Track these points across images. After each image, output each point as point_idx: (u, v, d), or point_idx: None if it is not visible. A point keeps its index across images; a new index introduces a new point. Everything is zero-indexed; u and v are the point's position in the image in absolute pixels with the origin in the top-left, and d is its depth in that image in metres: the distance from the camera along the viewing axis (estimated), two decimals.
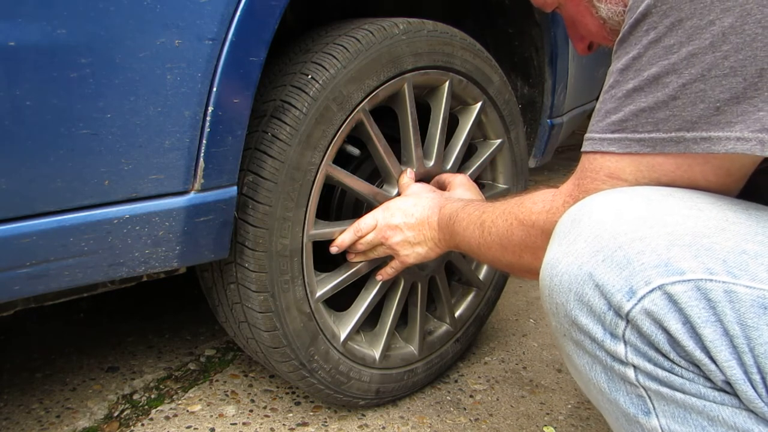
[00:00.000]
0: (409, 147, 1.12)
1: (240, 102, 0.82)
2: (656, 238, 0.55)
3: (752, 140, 0.54)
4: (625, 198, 0.60)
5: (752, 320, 0.51)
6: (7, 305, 0.80)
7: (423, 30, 1.06)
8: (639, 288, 0.54)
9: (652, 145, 0.60)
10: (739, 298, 0.52)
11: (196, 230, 0.84)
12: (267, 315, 0.99)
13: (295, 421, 1.18)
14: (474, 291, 1.37)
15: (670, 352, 0.55)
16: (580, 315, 0.59)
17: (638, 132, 0.61)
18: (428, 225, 1.01)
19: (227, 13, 0.77)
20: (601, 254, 0.57)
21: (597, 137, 0.65)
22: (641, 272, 0.54)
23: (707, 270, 0.53)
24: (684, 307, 0.53)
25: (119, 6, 0.69)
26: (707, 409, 0.55)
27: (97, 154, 0.72)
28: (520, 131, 1.35)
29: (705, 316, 0.52)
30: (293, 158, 0.93)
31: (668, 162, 0.61)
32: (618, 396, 0.60)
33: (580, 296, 0.58)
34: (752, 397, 0.52)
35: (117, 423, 1.16)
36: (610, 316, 0.57)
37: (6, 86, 0.64)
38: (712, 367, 0.53)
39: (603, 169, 0.65)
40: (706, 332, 0.53)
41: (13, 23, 0.63)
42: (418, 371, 1.26)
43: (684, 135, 0.58)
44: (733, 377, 0.53)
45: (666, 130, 0.59)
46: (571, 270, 0.59)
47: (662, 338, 0.55)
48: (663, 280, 0.54)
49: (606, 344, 0.58)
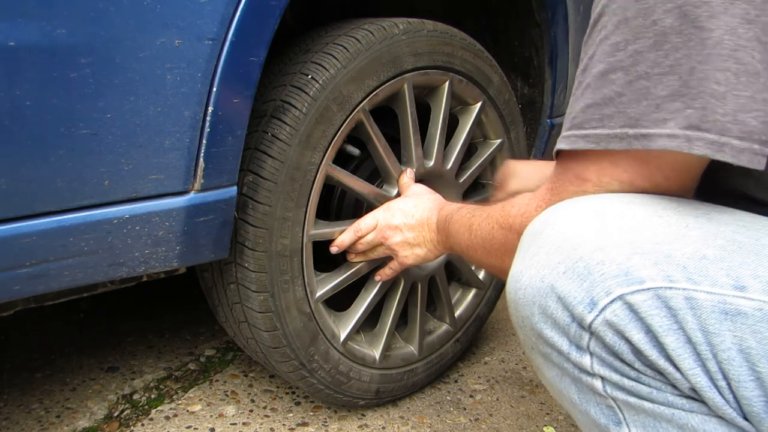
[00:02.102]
0: (409, 147, 1.12)
1: (240, 102, 0.82)
2: (616, 247, 0.54)
3: (680, 137, 0.55)
4: (586, 208, 0.59)
5: (714, 326, 0.51)
6: (7, 305, 0.80)
7: (423, 30, 1.06)
8: (600, 299, 0.54)
9: (596, 141, 0.60)
10: (700, 304, 0.51)
11: (196, 230, 0.84)
12: (267, 315, 0.99)
13: (295, 421, 1.18)
14: (474, 291, 1.37)
15: (635, 362, 0.54)
16: (545, 328, 0.58)
17: (584, 128, 0.61)
18: (427, 226, 1.01)
19: (227, 13, 0.77)
20: (562, 266, 0.56)
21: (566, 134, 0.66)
22: (601, 283, 0.54)
23: (667, 277, 0.52)
24: (645, 316, 0.52)
25: (119, 6, 0.69)
26: (676, 418, 0.54)
27: (97, 154, 0.72)
28: (520, 131, 1.35)
29: (666, 325, 0.52)
30: (293, 158, 0.93)
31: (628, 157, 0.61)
32: (589, 407, 0.59)
33: (543, 309, 0.58)
34: (720, 403, 0.52)
35: (117, 423, 1.16)
36: (573, 329, 0.56)
37: (6, 86, 0.64)
38: (677, 375, 0.53)
39: (570, 170, 0.65)
40: (668, 341, 0.52)
41: (13, 23, 0.63)
42: (418, 371, 1.26)
43: (627, 131, 0.58)
44: (699, 385, 0.52)
45: (611, 126, 0.59)
46: (533, 283, 0.58)
47: (626, 348, 0.54)
48: (623, 290, 0.53)
49: (572, 356, 0.58)
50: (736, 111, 0.53)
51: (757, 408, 0.51)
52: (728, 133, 0.53)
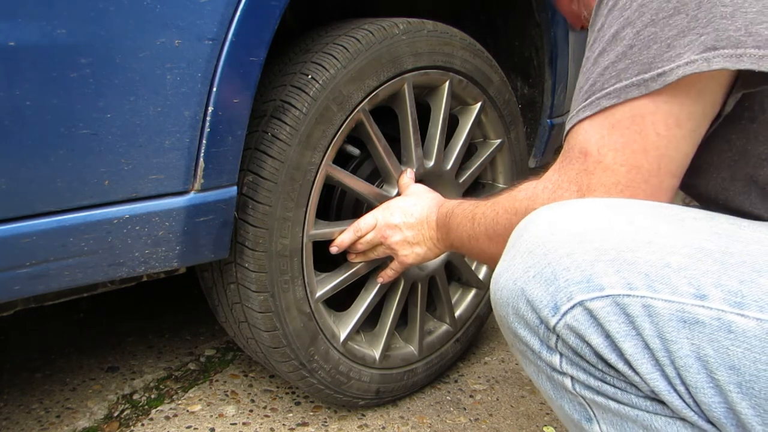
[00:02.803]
0: (409, 147, 1.12)
1: (240, 102, 0.82)
2: (583, 254, 0.56)
3: (698, 60, 0.58)
4: (562, 213, 0.61)
5: (671, 334, 0.52)
6: (7, 305, 0.80)
7: (423, 30, 1.06)
8: (562, 304, 0.56)
9: (617, 95, 0.63)
10: (658, 312, 0.52)
11: (196, 230, 0.84)
12: (267, 315, 0.99)
13: (295, 421, 1.18)
14: (474, 291, 1.37)
15: (598, 363, 0.56)
16: (518, 328, 0.61)
17: (605, 88, 0.64)
18: (427, 224, 1.01)
19: (227, 13, 0.77)
20: (532, 270, 0.58)
21: (574, 112, 0.68)
22: (564, 288, 0.56)
23: (627, 285, 0.53)
24: (603, 322, 0.54)
25: (119, 6, 0.69)
26: (641, 419, 0.56)
27: (97, 154, 0.72)
28: (520, 131, 1.35)
29: (624, 331, 0.53)
30: (293, 158, 0.93)
31: (625, 117, 0.63)
32: (563, 403, 0.62)
33: (516, 310, 0.60)
34: (680, 407, 0.53)
35: (117, 423, 1.16)
36: (542, 330, 0.58)
37: (6, 86, 0.64)
38: (637, 378, 0.54)
39: (576, 146, 0.67)
40: (626, 346, 0.53)
41: (13, 23, 0.63)
42: (417, 371, 1.26)
43: (643, 77, 0.61)
44: (657, 389, 0.53)
45: (627, 77, 0.62)
46: (508, 285, 0.60)
47: (587, 351, 0.56)
48: (583, 296, 0.55)
49: (543, 355, 0.60)
50: (747, 25, 0.56)
51: (718, 414, 0.52)
52: (744, 45, 0.57)
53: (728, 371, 0.51)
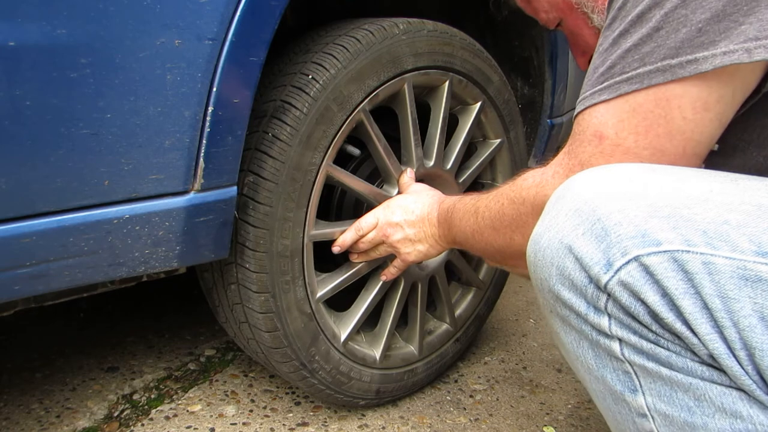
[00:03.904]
0: (409, 147, 1.12)
1: (240, 102, 0.82)
2: (635, 209, 0.54)
3: (738, 50, 0.55)
4: (607, 173, 0.59)
5: (733, 292, 0.50)
6: (7, 305, 0.80)
7: (423, 30, 1.06)
8: (615, 260, 0.53)
9: (640, 80, 0.60)
10: (718, 269, 0.50)
11: (196, 230, 0.84)
12: (268, 315, 0.99)
13: (295, 421, 1.18)
14: (474, 291, 1.37)
15: (652, 324, 0.53)
16: (562, 289, 0.58)
17: (626, 72, 0.61)
18: (428, 221, 1.01)
19: (227, 13, 0.77)
20: (581, 227, 0.56)
21: (588, 94, 0.65)
22: (618, 244, 0.53)
23: (685, 241, 0.51)
24: (660, 278, 0.52)
25: (119, 6, 0.69)
26: (694, 387, 0.53)
27: (97, 154, 0.72)
28: (519, 131, 1.35)
29: (683, 288, 0.51)
30: (294, 158, 0.93)
31: (648, 100, 0.60)
32: (605, 373, 0.58)
33: (561, 270, 0.57)
34: (739, 373, 0.51)
35: (117, 423, 1.16)
36: (591, 290, 0.56)
37: (6, 86, 0.64)
38: (695, 340, 0.52)
39: (589, 129, 0.65)
40: (684, 304, 0.51)
41: (13, 23, 0.63)
42: (418, 371, 1.26)
43: (669, 62, 0.58)
44: (716, 351, 0.51)
45: (652, 62, 0.59)
46: (552, 244, 0.58)
47: (642, 310, 0.53)
48: (639, 251, 0.52)
49: (590, 318, 0.57)
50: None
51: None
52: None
53: None
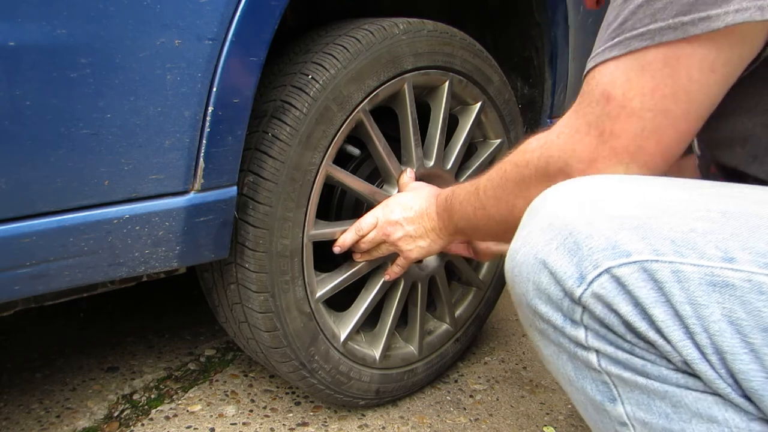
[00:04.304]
0: (409, 147, 1.12)
1: (240, 102, 0.82)
2: (605, 222, 0.55)
3: (750, 8, 0.54)
4: (579, 186, 0.60)
5: (701, 298, 0.51)
6: (7, 305, 0.80)
7: (423, 30, 1.06)
8: (588, 272, 0.54)
9: (651, 37, 0.59)
10: (687, 276, 0.51)
11: (195, 230, 0.84)
12: (267, 315, 0.99)
13: (295, 421, 1.18)
14: (474, 291, 1.37)
15: (627, 334, 0.54)
16: (539, 304, 0.59)
17: (636, 28, 0.60)
18: (427, 216, 1.00)
19: (227, 13, 0.77)
20: (554, 242, 0.57)
21: (600, 50, 0.64)
22: (589, 257, 0.54)
23: (654, 251, 0.52)
24: (632, 289, 0.53)
25: (119, 6, 0.69)
26: (670, 394, 0.54)
27: (97, 154, 0.72)
28: (519, 131, 1.35)
29: (653, 297, 0.52)
30: (293, 158, 0.93)
31: (657, 59, 0.59)
32: (585, 384, 0.59)
33: (537, 285, 0.58)
34: (713, 377, 0.52)
35: (117, 423, 1.16)
36: (566, 303, 0.56)
37: (6, 86, 0.64)
38: (668, 347, 0.53)
39: (598, 88, 0.64)
40: (655, 312, 0.52)
41: (13, 23, 0.63)
42: (418, 371, 1.26)
43: (681, 19, 0.57)
44: (690, 357, 0.52)
45: (663, 18, 0.58)
46: (527, 260, 0.59)
47: (616, 321, 0.54)
48: (610, 263, 0.53)
49: (567, 331, 0.58)
50: None
51: (756, 383, 0.50)
52: None
53: (763, 334, 0.49)
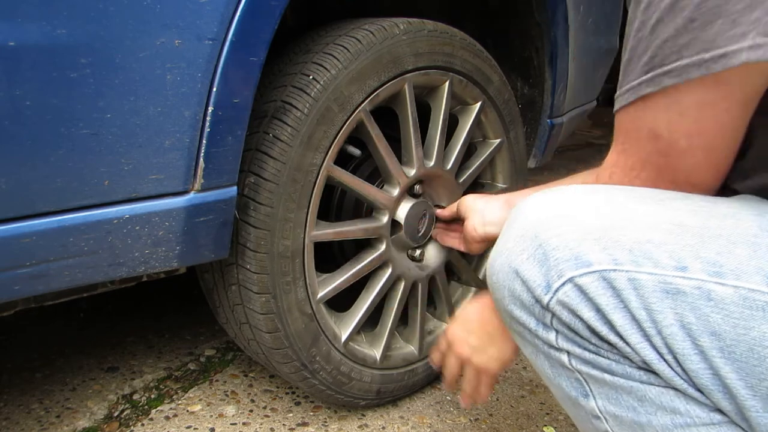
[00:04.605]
0: (410, 147, 1.12)
1: (240, 102, 0.82)
2: (571, 233, 0.59)
3: (765, 46, 0.53)
4: (551, 198, 0.64)
5: (655, 304, 0.55)
6: (7, 305, 0.80)
7: (423, 30, 1.06)
8: (554, 281, 0.59)
9: (678, 74, 0.58)
10: (642, 284, 0.55)
11: (196, 230, 0.84)
12: (268, 316, 0.99)
13: (295, 421, 1.18)
14: (474, 291, 1.37)
15: (591, 337, 0.59)
16: (514, 309, 0.63)
17: (666, 64, 0.59)
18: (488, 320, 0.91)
19: (227, 13, 0.77)
20: (526, 252, 0.61)
21: (635, 83, 0.63)
22: (555, 266, 0.59)
23: (613, 260, 0.56)
24: (593, 296, 0.57)
25: (119, 6, 0.69)
26: (635, 390, 0.58)
27: (97, 154, 0.72)
28: (519, 131, 1.35)
29: (613, 303, 0.56)
30: (295, 159, 0.93)
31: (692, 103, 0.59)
32: (560, 381, 0.64)
33: (512, 291, 0.63)
34: (670, 375, 0.56)
35: (117, 423, 1.16)
36: (537, 309, 0.61)
37: (6, 86, 0.64)
38: (628, 349, 0.57)
39: (644, 128, 0.64)
40: (615, 318, 0.56)
41: (13, 23, 0.63)
42: (418, 371, 1.26)
43: (703, 56, 0.56)
44: (648, 358, 0.56)
45: (689, 55, 0.57)
46: (503, 268, 0.63)
47: (580, 326, 0.59)
48: (573, 272, 0.58)
49: (540, 333, 0.63)
50: None
51: (704, 380, 0.55)
52: None
53: (710, 337, 0.54)
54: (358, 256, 1.13)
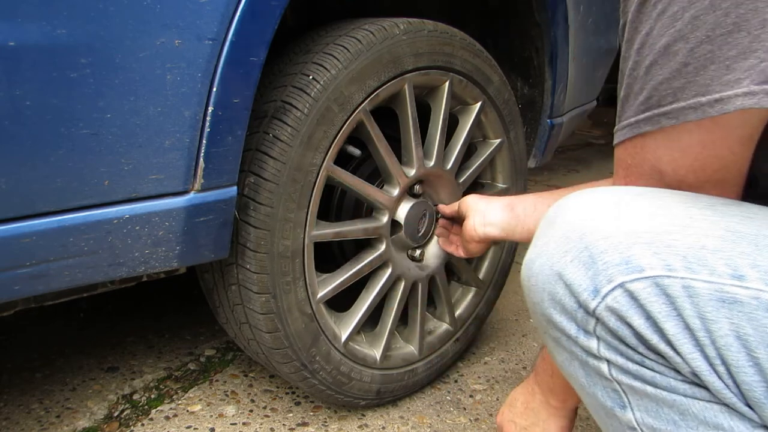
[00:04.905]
0: (410, 147, 1.12)
1: (240, 102, 0.82)
2: (619, 237, 0.57)
3: (759, 93, 0.54)
4: (595, 199, 0.62)
5: (711, 313, 0.53)
6: (7, 305, 0.80)
7: (423, 30, 1.06)
8: (602, 286, 0.56)
9: (675, 116, 0.59)
10: (697, 292, 0.53)
11: (196, 230, 0.84)
12: (268, 316, 0.99)
13: (295, 421, 1.18)
14: (473, 291, 1.37)
15: (638, 346, 0.57)
16: (554, 313, 0.61)
17: (662, 105, 0.60)
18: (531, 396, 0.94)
19: (227, 13, 0.77)
20: (569, 255, 0.59)
21: (632, 120, 0.64)
22: (604, 271, 0.56)
23: (666, 266, 0.54)
24: (644, 303, 0.55)
25: (119, 6, 0.68)
26: (678, 403, 0.56)
27: (97, 154, 0.72)
28: (519, 131, 1.35)
29: (665, 311, 0.54)
30: (295, 159, 0.93)
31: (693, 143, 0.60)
32: (596, 390, 0.62)
33: (552, 295, 0.60)
34: (720, 387, 0.54)
35: (117, 423, 1.16)
36: (580, 314, 0.59)
37: (6, 86, 0.64)
38: (678, 359, 0.55)
39: (645, 163, 0.64)
40: (667, 326, 0.54)
41: (13, 23, 0.63)
42: (418, 371, 1.26)
43: (699, 100, 0.57)
44: (699, 369, 0.54)
45: (684, 98, 0.58)
46: (543, 270, 0.61)
47: (628, 333, 0.56)
48: (624, 278, 0.55)
49: (580, 340, 0.60)
50: None
51: (758, 393, 0.52)
52: None
53: (766, 349, 0.51)
54: (358, 256, 1.13)
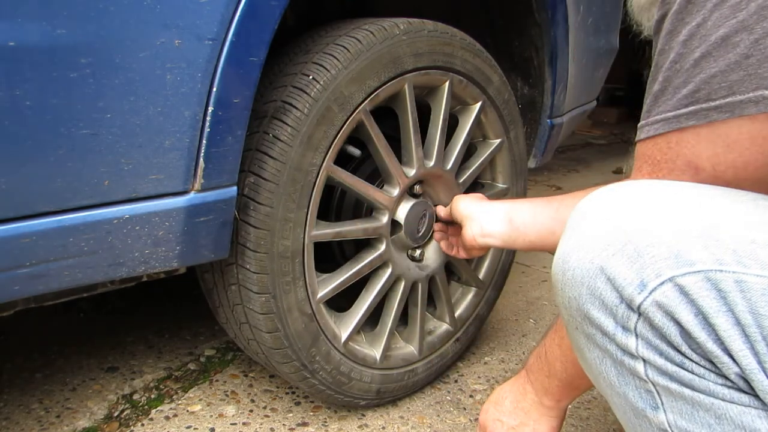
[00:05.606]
0: (410, 147, 1.12)
1: (240, 102, 0.82)
2: (666, 230, 0.55)
3: None
4: (634, 191, 0.59)
5: (763, 308, 0.51)
6: (7, 305, 0.80)
7: (423, 30, 1.06)
8: (650, 280, 0.54)
9: (731, 110, 0.57)
10: (750, 287, 0.52)
11: (195, 230, 0.84)
12: (268, 316, 0.99)
13: (295, 421, 1.18)
14: (474, 291, 1.37)
15: (682, 345, 0.55)
16: (591, 308, 0.59)
17: (713, 99, 0.58)
18: (522, 396, 0.94)
19: (227, 14, 0.77)
20: (611, 248, 0.56)
21: (670, 115, 0.62)
22: (652, 265, 0.54)
23: (717, 260, 0.52)
24: (695, 298, 0.53)
25: (119, 6, 0.68)
26: (715, 407, 0.55)
27: (97, 154, 0.72)
28: (519, 131, 1.35)
29: (717, 306, 0.52)
30: (294, 159, 0.93)
31: (742, 137, 0.58)
32: (627, 390, 0.60)
33: (592, 290, 0.58)
34: (767, 387, 0.52)
35: (117, 423, 1.16)
36: (622, 310, 0.57)
37: (6, 86, 0.64)
38: (726, 359, 0.53)
39: (680, 158, 0.62)
40: (718, 322, 0.52)
41: (13, 23, 0.63)
42: (418, 371, 1.26)
43: (763, 93, 0.55)
44: (748, 367, 0.52)
45: (743, 91, 0.56)
46: (582, 264, 0.59)
47: (674, 330, 0.54)
48: (673, 272, 0.53)
49: (617, 337, 0.58)
50: None
51: None
52: None
53: None
54: (358, 256, 1.13)
